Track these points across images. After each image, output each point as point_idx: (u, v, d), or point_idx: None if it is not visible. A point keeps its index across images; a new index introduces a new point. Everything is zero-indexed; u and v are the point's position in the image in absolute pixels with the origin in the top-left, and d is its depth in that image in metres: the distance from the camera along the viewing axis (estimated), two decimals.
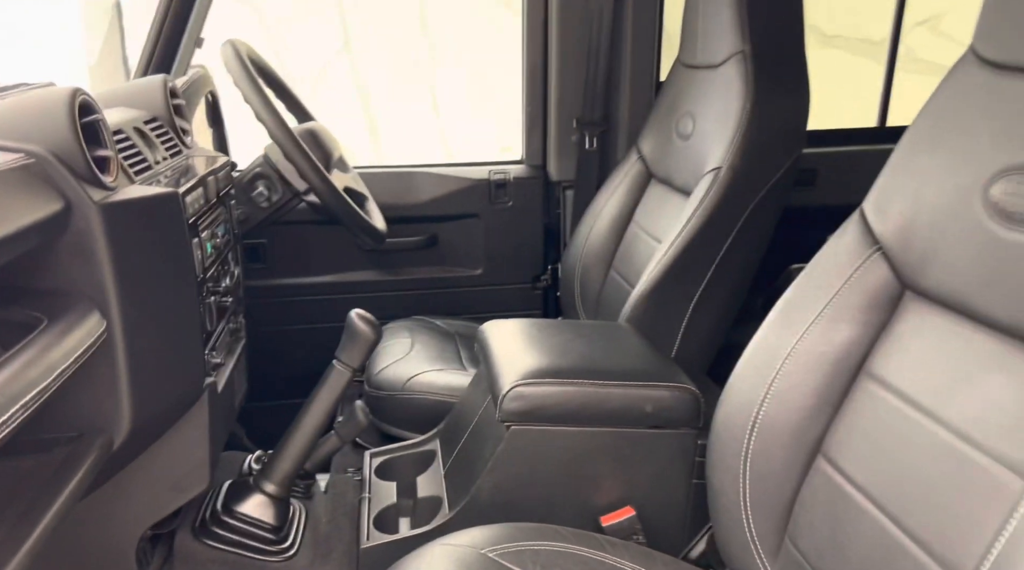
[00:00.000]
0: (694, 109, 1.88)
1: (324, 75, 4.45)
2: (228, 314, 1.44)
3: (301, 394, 1.74)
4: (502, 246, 2.35)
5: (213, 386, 1.26)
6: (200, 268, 1.23)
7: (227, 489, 1.47)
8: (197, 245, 1.22)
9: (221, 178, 1.44)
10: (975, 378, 0.95)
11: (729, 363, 1.86)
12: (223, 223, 1.42)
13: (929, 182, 1.07)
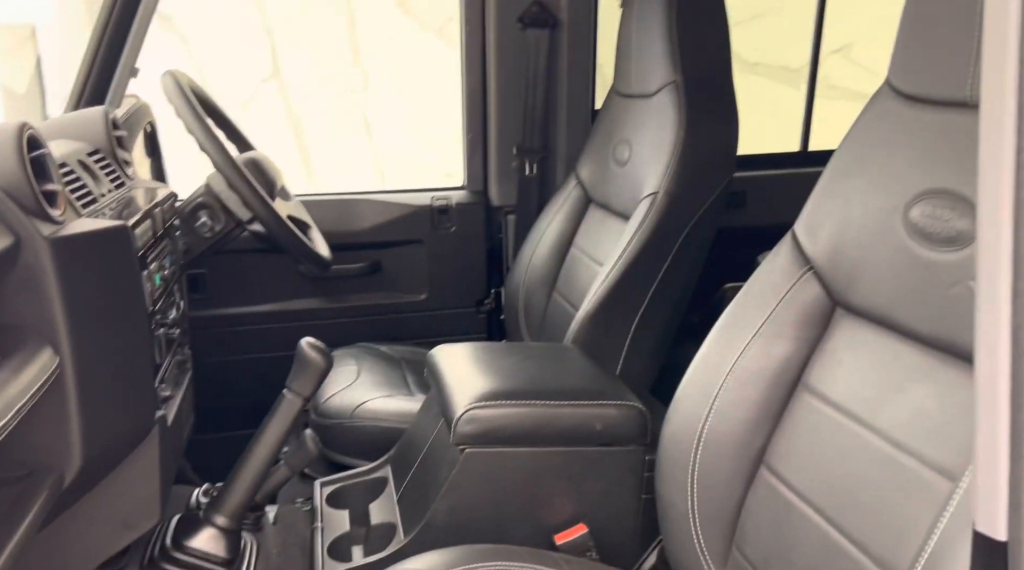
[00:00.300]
0: (630, 136, 1.95)
1: (252, 102, 4.41)
2: (175, 346, 1.43)
3: (247, 425, 1.73)
4: (446, 271, 2.38)
5: (163, 419, 1.25)
6: (150, 301, 1.23)
7: (176, 524, 1.44)
8: (146, 278, 1.21)
9: (166, 210, 1.43)
10: (903, 387, 1.02)
11: (670, 380, 1.93)
12: (169, 255, 1.42)
13: (854, 205, 1.15)
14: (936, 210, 1.01)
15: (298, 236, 1.76)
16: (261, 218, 1.67)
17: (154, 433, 1.21)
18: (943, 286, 0.99)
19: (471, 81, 2.31)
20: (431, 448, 1.50)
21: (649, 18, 1.86)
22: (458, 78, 2.36)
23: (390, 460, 1.68)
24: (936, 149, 1.02)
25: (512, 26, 2.22)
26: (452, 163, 4.20)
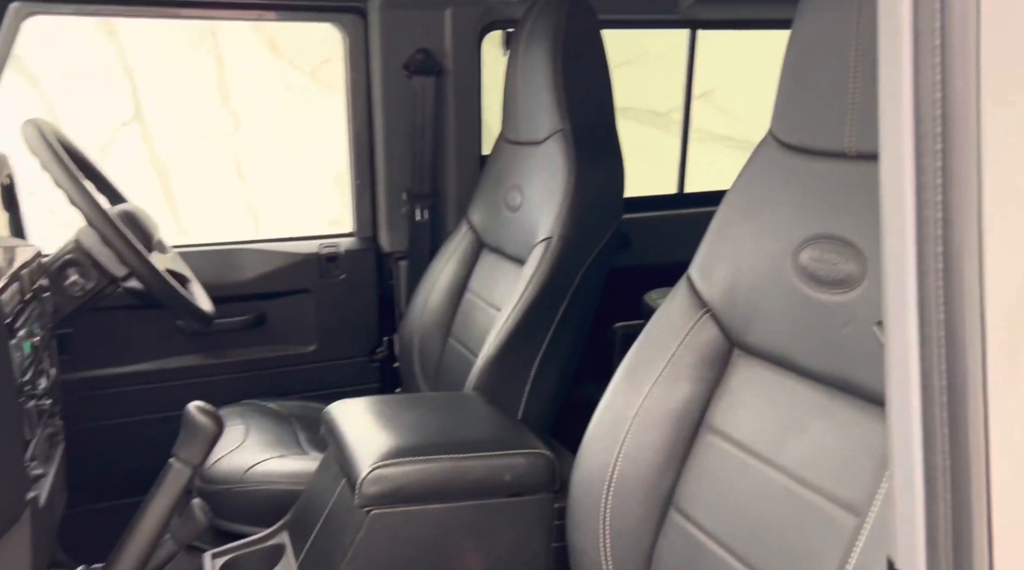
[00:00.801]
0: (521, 182, 1.97)
1: (111, 147, 4.18)
2: (46, 417, 1.31)
3: (125, 495, 1.60)
4: (336, 320, 2.31)
5: (35, 501, 1.13)
6: (18, 371, 1.12)
7: None
8: (15, 347, 1.10)
9: (34, 270, 1.32)
10: (804, 425, 1.06)
11: (569, 421, 1.94)
12: (38, 319, 1.30)
13: (746, 250, 1.19)
14: (824, 254, 1.06)
15: (179, 291, 1.67)
16: (139, 274, 1.57)
17: (25, 517, 1.10)
18: (835, 326, 1.04)
19: (357, 127, 2.28)
20: (333, 511, 1.44)
21: (534, 68, 1.90)
22: (336, 121, 2.33)
23: (287, 525, 1.59)
24: (820, 196, 1.08)
25: (397, 73, 2.21)
26: (334, 209, 4.10)
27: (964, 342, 0.61)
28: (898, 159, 0.62)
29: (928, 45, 0.60)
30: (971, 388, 0.61)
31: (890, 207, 0.63)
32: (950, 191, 0.60)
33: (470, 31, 2.24)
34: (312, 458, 1.79)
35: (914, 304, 0.62)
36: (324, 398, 2.28)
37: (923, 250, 0.61)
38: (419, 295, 2.20)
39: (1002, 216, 0.60)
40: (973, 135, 0.59)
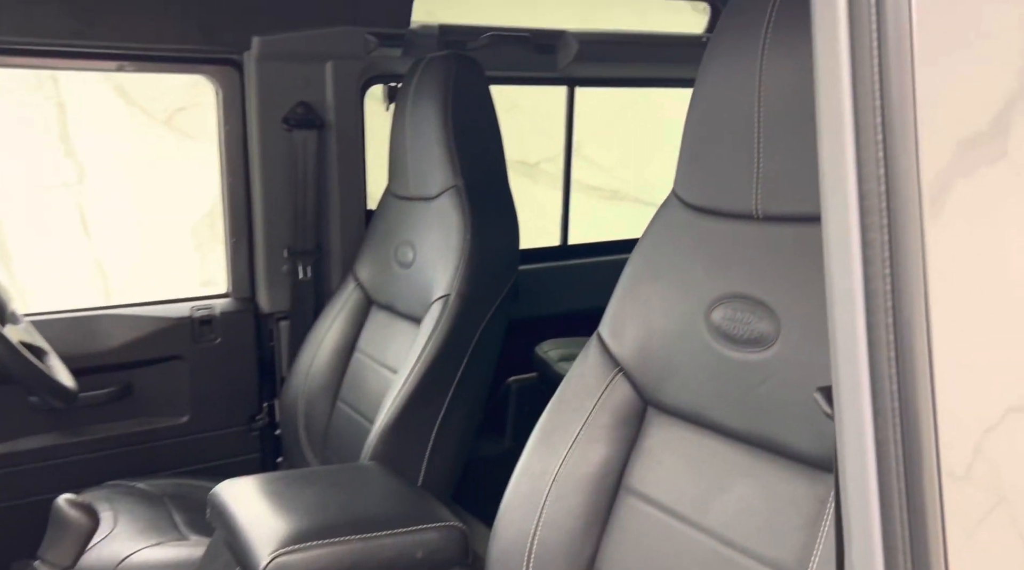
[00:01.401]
0: (413, 239, 1.92)
1: None
2: None
3: None
4: (211, 387, 2.16)
5: None
6: None
7: None
8: None
9: None
10: (727, 485, 1.06)
11: (465, 480, 1.88)
12: None
13: (656, 309, 1.20)
14: (736, 313, 1.08)
15: (37, 366, 1.50)
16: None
17: None
18: (752, 384, 1.05)
19: (232, 182, 2.17)
20: None
21: (424, 124, 1.87)
22: (196, 173, 2.21)
23: None
24: (730, 257, 1.11)
25: (276, 126, 2.13)
26: (193, 265, 3.87)
27: (918, 410, 0.62)
28: (844, 233, 0.63)
29: (870, 123, 0.61)
30: (927, 470, 0.62)
31: (837, 279, 0.64)
32: (897, 263, 0.61)
33: (352, 84, 2.19)
34: (194, 543, 1.64)
35: (866, 378, 0.63)
36: (200, 473, 2.11)
37: (872, 321, 0.62)
38: (303, 357, 2.09)
39: (947, 285, 0.62)
40: (915, 209, 0.61)
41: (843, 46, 0.61)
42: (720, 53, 1.12)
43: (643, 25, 2.63)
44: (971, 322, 0.62)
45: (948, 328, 0.61)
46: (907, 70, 0.59)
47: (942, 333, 0.61)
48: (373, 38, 2.11)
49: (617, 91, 3.49)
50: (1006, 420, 0.66)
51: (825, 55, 0.62)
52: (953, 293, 0.61)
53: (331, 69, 2.15)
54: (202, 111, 3.88)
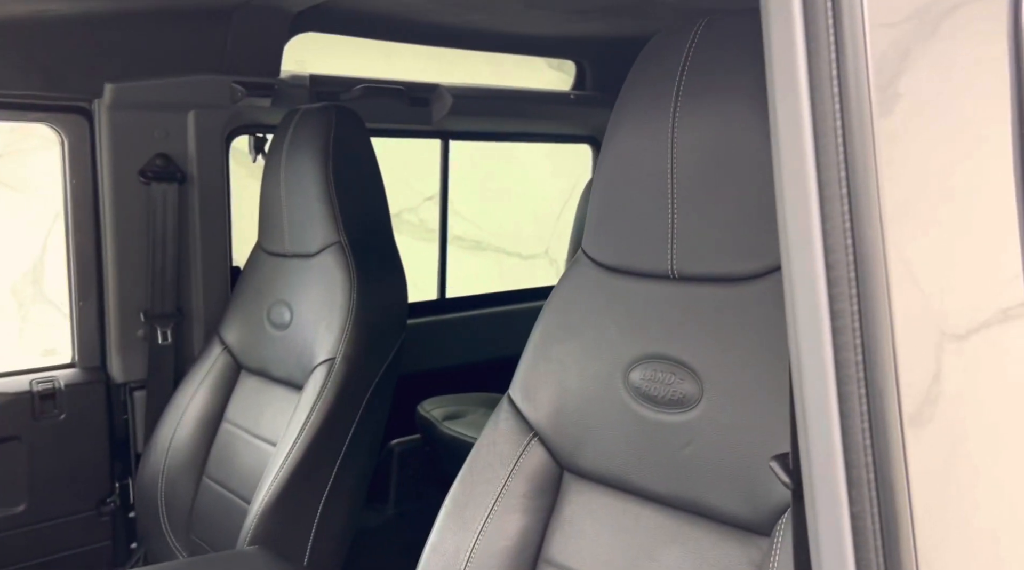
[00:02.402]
0: (289, 298, 1.81)
1: None
2: None
3: None
4: (53, 470, 1.91)
5: None
6: None
7: None
8: None
9: None
10: (654, 553, 1.04)
11: (353, 554, 1.76)
12: None
13: (571, 370, 1.17)
14: (657, 374, 1.07)
15: None
16: None
17: None
18: (676, 447, 1.04)
19: (80, 240, 1.96)
20: None
21: (302, 178, 1.78)
22: (21, 227, 1.99)
23: None
24: (646, 316, 1.10)
25: (132, 180, 1.96)
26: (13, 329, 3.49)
27: (893, 482, 0.61)
28: (809, 275, 0.62)
29: (836, 193, 0.61)
30: (902, 531, 0.61)
31: (804, 349, 0.63)
32: (868, 330, 0.61)
33: (216, 135, 2.06)
34: None
35: (839, 448, 0.62)
36: (41, 568, 1.86)
37: (845, 392, 0.62)
38: (162, 430, 1.90)
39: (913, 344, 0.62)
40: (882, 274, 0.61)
41: (805, 109, 0.61)
42: (629, 113, 1.12)
43: (504, 81, 2.67)
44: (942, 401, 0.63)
45: (914, 389, 0.62)
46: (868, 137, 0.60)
47: (909, 392, 0.61)
48: (240, 87, 2.00)
49: (476, 143, 3.50)
50: None
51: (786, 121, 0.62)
52: (919, 357, 0.62)
53: (193, 119, 2.01)
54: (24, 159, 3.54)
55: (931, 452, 0.62)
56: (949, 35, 0.64)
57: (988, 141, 0.72)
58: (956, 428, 0.63)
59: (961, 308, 0.65)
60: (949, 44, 0.65)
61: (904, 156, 0.61)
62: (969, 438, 0.64)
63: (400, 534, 1.36)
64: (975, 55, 0.67)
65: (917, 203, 0.62)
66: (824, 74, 0.60)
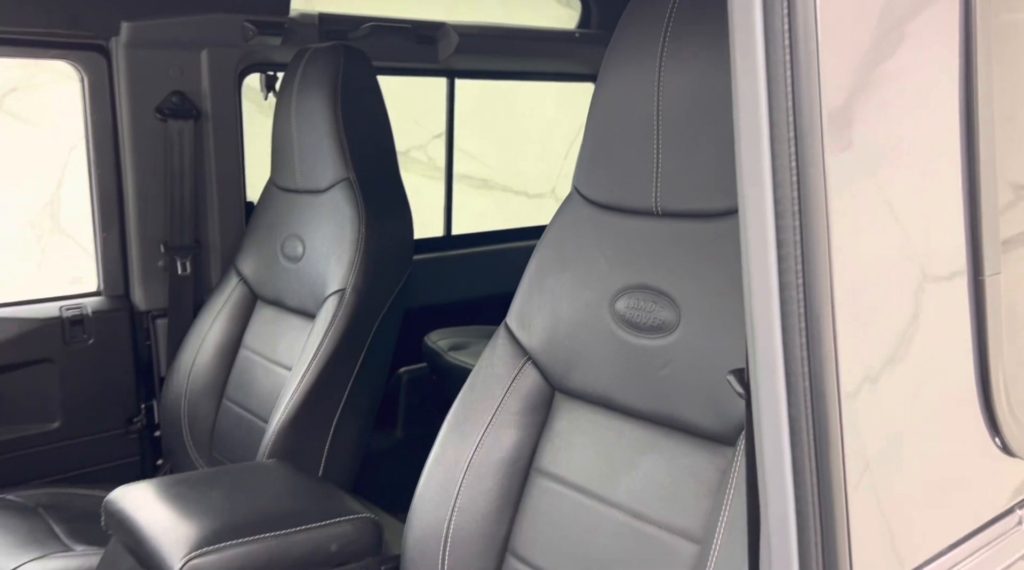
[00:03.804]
0: (301, 232, 1.90)
1: None
2: None
3: None
4: (84, 391, 2.05)
5: None
6: None
7: None
8: None
9: None
10: (634, 462, 1.15)
11: (364, 471, 1.89)
12: None
13: (563, 299, 1.27)
14: (639, 303, 1.16)
15: None
16: None
17: None
18: (655, 368, 1.14)
19: (102, 175, 2.05)
20: None
21: (312, 116, 1.85)
22: (39, 160, 2.08)
23: None
24: (632, 250, 1.19)
25: (149, 116, 2.04)
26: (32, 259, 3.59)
27: (825, 392, 0.71)
28: (759, 215, 0.70)
29: (783, 136, 0.69)
30: (831, 427, 0.71)
31: (755, 273, 0.72)
32: (809, 260, 0.70)
33: (229, 73, 2.13)
34: (81, 554, 1.57)
35: (780, 359, 0.71)
36: (75, 480, 2.01)
37: (787, 311, 0.71)
38: (184, 355, 2.02)
39: (847, 279, 0.71)
40: (823, 213, 0.70)
41: (759, 61, 0.68)
42: (619, 57, 1.19)
43: (511, 19, 2.70)
44: (870, 312, 0.72)
45: (849, 314, 0.71)
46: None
47: (845, 319, 0.71)
48: (251, 26, 2.06)
49: (483, 82, 3.53)
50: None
51: (744, 71, 0.69)
52: (853, 282, 0.71)
53: (207, 57, 2.08)
54: (35, 93, 3.59)
55: (861, 363, 0.71)
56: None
57: (936, 88, 0.79)
58: (884, 337, 0.73)
59: (892, 240, 0.74)
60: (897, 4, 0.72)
61: (848, 106, 0.69)
62: (897, 344, 0.74)
63: (407, 455, 1.48)
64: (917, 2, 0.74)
65: (858, 146, 0.70)
66: (777, 28, 0.67)
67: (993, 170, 0.83)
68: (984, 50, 0.80)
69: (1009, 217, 0.87)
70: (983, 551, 0.86)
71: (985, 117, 0.81)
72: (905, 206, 0.77)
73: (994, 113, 0.82)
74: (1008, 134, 0.85)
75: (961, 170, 0.82)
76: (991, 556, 0.86)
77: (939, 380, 0.82)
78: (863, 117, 0.71)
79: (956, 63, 0.80)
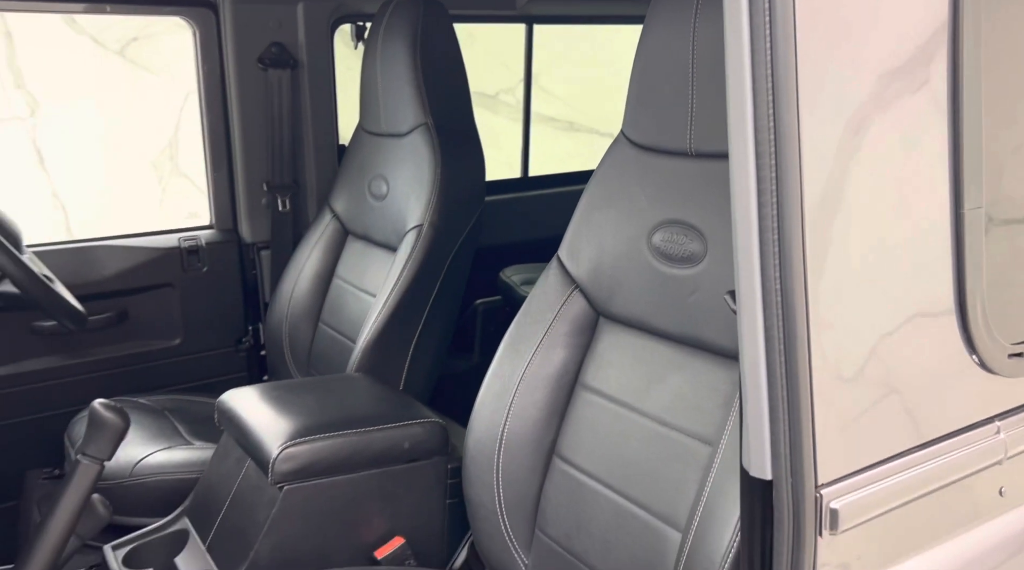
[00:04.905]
0: (386, 173, 2.09)
1: None
2: None
3: None
4: (200, 312, 2.33)
5: None
6: None
7: None
8: None
9: None
10: (663, 378, 1.29)
11: (441, 390, 2.10)
12: None
13: (607, 233, 1.41)
14: (673, 236, 1.29)
15: (57, 293, 1.66)
16: (13, 278, 1.55)
17: None
18: (684, 295, 1.27)
19: (212, 120, 2.29)
20: (240, 491, 1.52)
21: (394, 64, 2.02)
22: (157, 106, 2.31)
23: (186, 512, 1.65)
24: (668, 188, 1.31)
25: (252, 66, 2.25)
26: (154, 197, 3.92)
27: (794, 304, 0.83)
28: (744, 172, 0.83)
29: (763, 87, 0.81)
30: (799, 337, 0.84)
31: (739, 207, 0.84)
32: (782, 194, 0.82)
33: (322, 25, 2.31)
34: (199, 448, 1.84)
35: (757, 277, 0.84)
36: (192, 390, 2.30)
37: (764, 238, 0.83)
38: (285, 284, 2.26)
39: (818, 208, 0.83)
40: (795, 151, 0.81)
41: (745, 33, 0.80)
42: (660, 12, 1.30)
43: None
44: (840, 239, 0.83)
45: (820, 239, 0.83)
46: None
47: (815, 246, 0.83)
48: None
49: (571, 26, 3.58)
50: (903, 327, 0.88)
51: (732, 43, 0.81)
52: (823, 214, 0.83)
53: (302, 10, 2.27)
54: (155, 43, 3.88)
55: (829, 282, 0.83)
56: None
57: (921, 35, 0.88)
58: (854, 260, 0.84)
59: (864, 175, 0.84)
60: None
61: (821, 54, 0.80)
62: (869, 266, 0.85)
63: (481, 378, 1.66)
64: None
65: (827, 93, 0.81)
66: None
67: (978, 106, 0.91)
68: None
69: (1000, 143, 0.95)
70: (955, 453, 0.96)
71: (969, 50, 0.89)
72: (882, 145, 0.87)
73: (980, 48, 0.90)
74: (994, 69, 0.92)
75: (946, 116, 0.91)
76: (963, 459, 0.97)
77: (914, 299, 0.92)
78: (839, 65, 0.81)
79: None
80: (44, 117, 4.03)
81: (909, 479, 0.93)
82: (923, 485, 0.94)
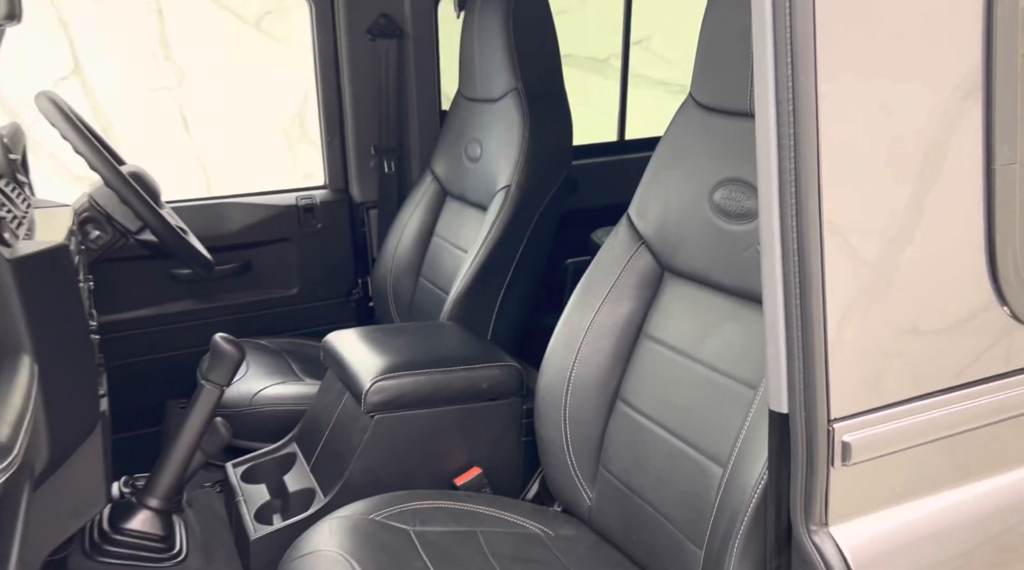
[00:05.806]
0: (480, 136, 2.22)
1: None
2: (98, 349, 1.55)
3: (128, 428, 1.87)
4: (314, 265, 2.55)
5: (103, 414, 1.38)
6: (87, 307, 1.35)
7: (110, 510, 1.57)
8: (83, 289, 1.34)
9: (76, 228, 1.54)
10: (717, 327, 1.37)
11: (531, 343, 2.24)
12: (84, 267, 1.53)
13: (672, 191, 1.48)
14: (732, 194, 1.36)
15: (190, 242, 1.90)
16: (154, 228, 1.79)
17: (98, 427, 1.35)
18: (739, 250, 1.34)
19: (326, 88, 2.49)
20: (339, 420, 1.72)
21: (488, 32, 2.13)
22: (284, 75, 2.49)
23: (295, 438, 1.87)
24: (729, 147, 1.38)
25: (362, 37, 2.42)
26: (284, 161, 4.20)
27: (809, 252, 0.90)
28: (765, 115, 0.90)
29: (783, 51, 0.88)
30: (813, 280, 0.91)
31: (762, 152, 0.92)
32: (799, 152, 0.89)
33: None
34: (308, 384, 2.06)
35: (777, 227, 0.92)
36: (307, 335, 2.54)
37: (783, 190, 0.91)
38: (390, 241, 2.45)
39: (835, 164, 0.89)
40: (812, 112, 0.88)
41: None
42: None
43: None
44: (855, 195, 0.90)
45: (834, 198, 0.89)
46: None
47: (828, 197, 0.89)
48: None
49: None
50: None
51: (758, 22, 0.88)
52: (839, 169, 0.89)
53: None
54: (287, 16, 4.13)
55: (843, 232, 0.90)
56: None
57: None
58: (872, 213, 0.90)
59: (882, 134, 0.90)
60: None
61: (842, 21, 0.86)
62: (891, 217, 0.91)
63: None
64: None
65: (849, 53, 0.87)
66: None
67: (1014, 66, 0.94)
68: None
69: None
70: (982, 400, 1.01)
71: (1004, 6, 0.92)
72: (907, 103, 0.92)
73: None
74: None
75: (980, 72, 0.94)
76: (990, 407, 1.01)
77: (942, 250, 0.97)
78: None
79: None
80: (189, 86, 4.39)
81: (928, 421, 0.99)
82: (942, 429, 0.99)
